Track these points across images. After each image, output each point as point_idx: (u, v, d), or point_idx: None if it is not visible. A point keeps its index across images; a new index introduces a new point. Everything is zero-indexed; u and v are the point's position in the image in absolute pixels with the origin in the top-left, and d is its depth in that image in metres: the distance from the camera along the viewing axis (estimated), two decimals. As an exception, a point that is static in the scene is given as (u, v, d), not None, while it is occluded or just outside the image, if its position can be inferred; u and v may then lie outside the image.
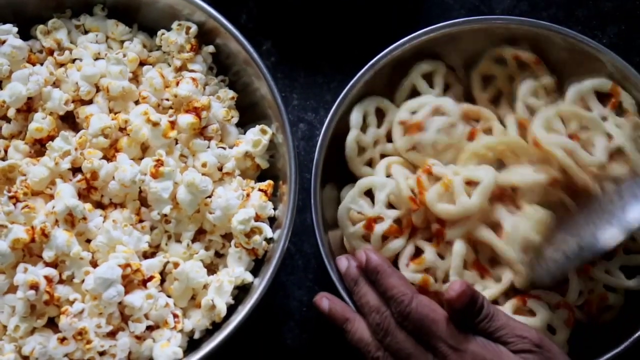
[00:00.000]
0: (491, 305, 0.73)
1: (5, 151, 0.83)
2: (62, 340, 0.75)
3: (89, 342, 0.75)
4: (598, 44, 0.86)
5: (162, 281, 0.81)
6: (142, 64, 0.88)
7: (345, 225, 0.84)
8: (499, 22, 0.88)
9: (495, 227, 0.82)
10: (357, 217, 0.84)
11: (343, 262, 0.81)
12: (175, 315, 0.80)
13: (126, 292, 0.77)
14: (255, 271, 0.82)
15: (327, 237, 0.83)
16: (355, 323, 0.78)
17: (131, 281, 0.78)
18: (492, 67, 0.88)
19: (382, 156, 0.87)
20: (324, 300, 0.80)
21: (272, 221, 0.84)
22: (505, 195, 0.83)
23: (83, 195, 0.81)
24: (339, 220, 0.84)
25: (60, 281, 0.78)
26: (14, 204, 0.77)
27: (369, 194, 0.85)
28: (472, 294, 0.71)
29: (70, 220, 0.77)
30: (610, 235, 0.78)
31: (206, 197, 0.81)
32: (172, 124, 0.82)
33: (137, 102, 0.85)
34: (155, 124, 0.81)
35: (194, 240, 0.83)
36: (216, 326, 0.80)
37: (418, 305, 0.73)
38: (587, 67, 0.86)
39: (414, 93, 0.88)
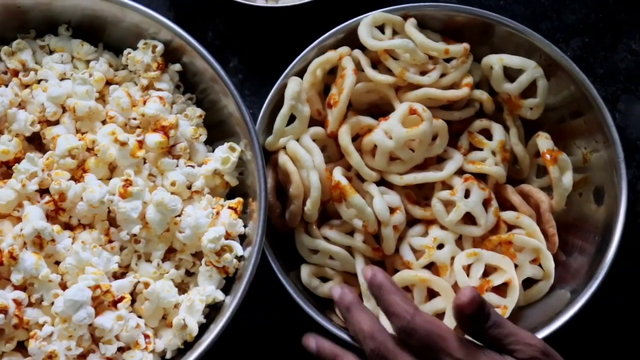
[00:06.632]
0: (498, 313, 0.73)
1: (-29, 174, 0.82)
2: (32, 364, 0.75)
3: (59, 365, 0.75)
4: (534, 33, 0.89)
5: (133, 301, 0.80)
6: (108, 83, 0.87)
7: None
8: (446, 10, 0.91)
9: None
10: None
11: (337, 290, 0.81)
12: (146, 336, 0.79)
13: (96, 314, 0.77)
14: (227, 289, 0.82)
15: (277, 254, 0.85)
16: (344, 358, 0.77)
17: (101, 302, 0.78)
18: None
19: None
20: (311, 340, 0.80)
21: (243, 239, 0.84)
22: None
23: (51, 217, 0.81)
24: None
25: (29, 304, 0.77)
26: (-19, 228, 0.77)
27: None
28: (481, 301, 0.71)
29: (39, 242, 0.77)
30: None
31: (175, 216, 0.81)
32: (140, 144, 0.82)
33: (104, 122, 0.85)
34: (123, 144, 0.81)
35: (164, 259, 0.82)
36: (188, 345, 0.80)
37: (423, 321, 0.72)
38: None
39: None
